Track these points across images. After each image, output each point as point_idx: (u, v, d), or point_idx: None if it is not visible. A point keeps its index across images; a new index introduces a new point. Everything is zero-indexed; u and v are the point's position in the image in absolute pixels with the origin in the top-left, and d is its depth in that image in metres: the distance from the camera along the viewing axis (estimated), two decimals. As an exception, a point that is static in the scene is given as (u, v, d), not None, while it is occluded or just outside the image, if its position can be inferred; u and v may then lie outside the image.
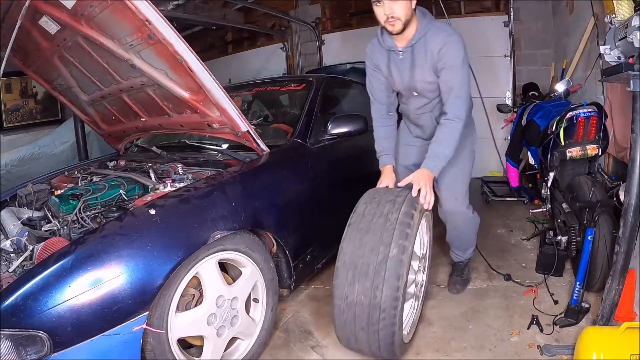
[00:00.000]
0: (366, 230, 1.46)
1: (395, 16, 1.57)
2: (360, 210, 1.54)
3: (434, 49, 1.63)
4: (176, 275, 1.33)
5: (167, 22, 1.46)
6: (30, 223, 1.70)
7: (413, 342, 1.73)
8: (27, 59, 2.21)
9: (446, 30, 1.64)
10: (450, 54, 1.61)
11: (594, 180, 2.13)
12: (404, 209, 1.48)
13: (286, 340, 1.84)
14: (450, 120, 1.65)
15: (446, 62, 1.62)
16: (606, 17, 1.65)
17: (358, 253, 1.43)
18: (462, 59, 1.62)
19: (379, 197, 1.57)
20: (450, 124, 1.65)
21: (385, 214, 1.47)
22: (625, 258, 1.52)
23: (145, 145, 2.53)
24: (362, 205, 1.57)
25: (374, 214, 1.50)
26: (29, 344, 1.09)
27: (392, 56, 1.75)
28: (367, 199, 1.58)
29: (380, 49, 1.77)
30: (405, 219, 1.45)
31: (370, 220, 1.48)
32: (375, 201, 1.55)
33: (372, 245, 1.42)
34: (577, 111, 2.14)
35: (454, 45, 1.61)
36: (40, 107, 5.12)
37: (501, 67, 4.20)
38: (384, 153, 1.88)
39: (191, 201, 1.46)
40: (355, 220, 1.52)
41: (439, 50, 1.62)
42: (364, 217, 1.50)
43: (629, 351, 1.29)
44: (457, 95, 1.64)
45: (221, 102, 1.68)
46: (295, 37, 5.54)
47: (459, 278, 2.13)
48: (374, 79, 1.86)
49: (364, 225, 1.48)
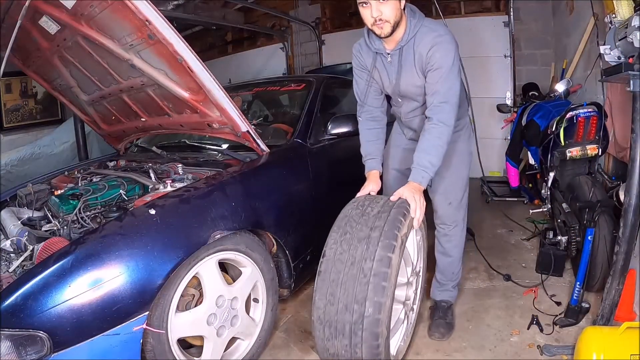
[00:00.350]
0: (337, 282, 1.28)
1: (384, 18, 1.45)
2: (330, 255, 1.33)
3: (422, 51, 1.52)
4: (176, 275, 1.33)
5: (167, 22, 1.46)
6: (30, 223, 1.70)
7: (413, 342, 1.73)
8: (27, 59, 2.21)
9: (437, 30, 1.52)
10: (438, 55, 1.49)
11: (594, 180, 2.13)
12: (380, 251, 1.26)
13: (286, 340, 1.84)
14: (435, 125, 1.50)
15: (434, 64, 1.51)
16: (606, 17, 1.65)
17: (332, 310, 1.28)
18: (452, 61, 1.50)
19: (351, 229, 1.35)
20: (435, 129, 1.50)
21: (357, 261, 1.28)
22: (625, 258, 1.52)
23: (145, 145, 2.53)
24: (332, 244, 1.35)
25: (345, 261, 1.30)
26: (29, 344, 1.09)
27: (379, 59, 1.65)
28: (338, 233, 1.36)
29: (367, 50, 1.66)
30: (382, 267, 1.24)
31: (341, 270, 1.29)
32: (346, 239, 1.33)
33: (345, 302, 1.26)
34: (577, 111, 2.15)
35: (443, 46, 1.49)
36: (40, 107, 5.12)
37: (501, 67, 4.21)
38: (370, 157, 1.72)
39: (191, 201, 1.46)
40: (325, 268, 1.33)
41: (427, 51, 1.51)
42: (335, 264, 1.31)
43: (629, 351, 1.29)
44: (444, 100, 1.51)
45: (221, 102, 1.68)
46: (295, 37, 5.54)
47: (442, 321, 1.82)
48: (360, 80, 1.74)
49: (335, 277, 1.30)
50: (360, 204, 1.44)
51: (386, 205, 1.40)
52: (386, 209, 1.37)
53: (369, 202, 1.44)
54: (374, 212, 1.38)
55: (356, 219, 1.38)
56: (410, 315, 1.71)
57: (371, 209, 1.40)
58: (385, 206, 1.40)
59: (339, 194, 1.48)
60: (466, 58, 1.80)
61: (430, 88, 1.55)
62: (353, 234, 1.34)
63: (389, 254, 1.26)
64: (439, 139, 1.50)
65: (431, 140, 1.51)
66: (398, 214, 1.35)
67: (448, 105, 1.50)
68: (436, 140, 1.50)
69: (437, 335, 1.76)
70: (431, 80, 1.54)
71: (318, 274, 1.33)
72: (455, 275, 1.87)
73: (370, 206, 1.41)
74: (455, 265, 1.85)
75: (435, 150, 1.50)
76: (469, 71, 4.15)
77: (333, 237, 1.37)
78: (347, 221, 1.38)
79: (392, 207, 1.38)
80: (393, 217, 1.34)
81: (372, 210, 1.39)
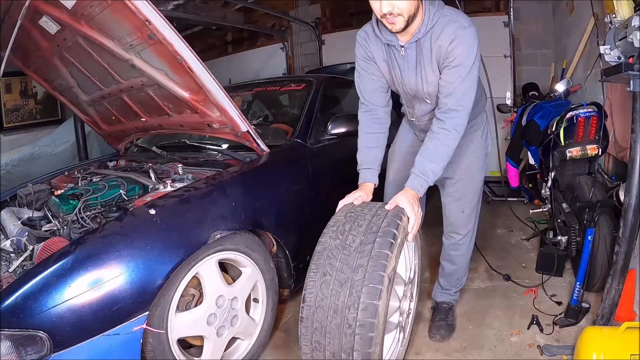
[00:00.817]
0: (321, 331, 1.17)
1: (395, 12, 1.25)
2: (310, 301, 1.19)
3: (442, 44, 1.33)
4: (176, 275, 1.33)
5: (167, 22, 1.46)
6: (30, 223, 1.70)
7: (413, 342, 1.73)
8: (27, 59, 2.21)
9: (459, 21, 1.32)
10: (459, 51, 1.31)
11: (594, 180, 2.13)
12: (365, 298, 1.12)
13: (286, 340, 1.84)
14: (446, 131, 1.35)
15: (453, 60, 1.33)
16: (606, 17, 1.64)
17: (319, 355, 1.20)
18: (473, 59, 1.33)
19: (331, 268, 1.19)
20: (445, 135, 1.36)
21: (341, 309, 1.14)
22: (625, 258, 1.52)
23: (145, 145, 2.53)
24: (310, 288, 1.20)
25: (327, 309, 1.16)
26: (29, 344, 1.09)
27: (391, 51, 1.44)
28: (317, 274, 1.20)
29: (376, 41, 1.45)
30: (367, 317, 1.11)
31: (324, 318, 1.17)
32: (326, 281, 1.18)
33: (332, 351, 1.17)
34: (577, 111, 2.15)
35: (466, 41, 1.30)
36: (40, 107, 5.11)
37: (501, 67, 4.19)
38: (367, 167, 1.51)
39: (191, 201, 1.46)
40: (306, 315, 1.19)
41: (448, 44, 1.32)
42: (317, 311, 1.18)
43: (629, 351, 1.29)
44: (460, 104, 1.35)
45: (221, 102, 1.68)
46: (295, 37, 5.54)
47: (443, 323, 1.77)
48: (366, 73, 1.52)
49: (317, 325, 1.18)
50: (340, 230, 1.26)
51: (369, 233, 1.22)
52: (370, 239, 1.20)
53: (349, 226, 1.26)
54: (355, 244, 1.20)
55: (335, 253, 1.21)
56: (407, 321, 1.64)
57: (352, 238, 1.22)
58: (369, 233, 1.22)
59: (339, 194, 1.48)
60: None
61: (446, 88, 1.37)
62: (333, 275, 1.18)
63: (375, 302, 1.11)
64: (447, 147, 1.36)
65: (439, 148, 1.37)
66: (383, 246, 1.18)
67: (464, 111, 1.36)
68: (444, 148, 1.36)
69: (438, 337, 1.74)
70: (448, 79, 1.36)
71: (300, 319, 1.21)
72: (459, 281, 1.85)
73: (351, 233, 1.24)
74: (461, 272, 1.83)
75: (441, 159, 1.37)
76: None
77: (312, 277, 1.21)
78: (326, 257, 1.22)
79: (377, 236, 1.20)
80: (377, 252, 1.17)
81: (353, 241, 1.21)
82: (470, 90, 1.36)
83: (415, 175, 1.38)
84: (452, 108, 1.36)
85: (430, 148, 1.38)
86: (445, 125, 1.37)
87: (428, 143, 1.39)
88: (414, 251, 1.63)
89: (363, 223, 1.26)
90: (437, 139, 1.37)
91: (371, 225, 1.24)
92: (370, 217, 1.28)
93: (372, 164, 1.52)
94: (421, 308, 1.95)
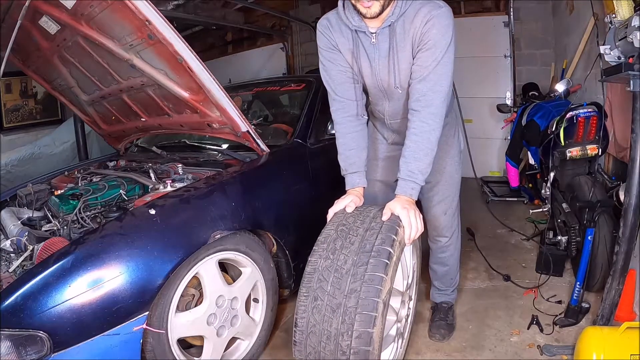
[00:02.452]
0: (315, 356, 1.14)
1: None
2: (302, 325, 1.14)
3: (417, 25, 1.23)
4: (176, 275, 1.33)
5: (167, 22, 1.46)
6: (30, 223, 1.70)
7: (413, 342, 1.73)
8: (27, 59, 2.21)
9: (433, 1, 1.24)
10: (435, 31, 1.21)
11: (594, 180, 2.13)
12: (359, 326, 1.06)
13: (286, 340, 1.83)
14: (424, 121, 1.24)
15: (428, 41, 1.22)
16: (606, 17, 1.64)
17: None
18: (449, 41, 1.22)
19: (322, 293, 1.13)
20: (424, 127, 1.24)
21: (334, 336, 1.09)
22: (625, 258, 1.52)
23: (145, 145, 2.53)
24: (302, 313, 1.14)
25: (320, 335, 1.11)
26: (29, 344, 1.09)
27: (360, 39, 1.31)
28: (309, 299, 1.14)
29: (340, 27, 1.32)
30: (362, 345, 1.06)
31: (317, 345, 1.12)
32: (317, 306, 1.12)
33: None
34: (577, 111, 2.15)
35: (441, 21, 1.21)
36: (40, 107, 5.11)
37: (501, 67, 4.21)
38: (353, 170, 1.40)
39: (191, 201, 1.46)
40: (299, 339, 1.15)
41: (423, 25, 1.22)
42: (309, 337, 1.13)
43: (629, 351, 1.29)
44: (436, 89, 1.24)
45: (221, 102, 1.68)
46: (295, 37, 5.54)
47: (443, 322, 1.75)
48: (332, 65, 1.38)
49: (311, 350, 1.14)
50: (331, 249, 1.18)
51: (362, 253, 1.13)
52: (363, 261, 1.11)
53: (340, 243, 1.18)
54: (347, 266, 1.12)
55: (326, 275, 1.13)
56: (406, 325, 1.62)
57: (344, 258, 1.14)
58: (362, 253, 1.13)
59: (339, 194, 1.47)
60: (466, 58, 1.76)
61: (419, 72, 1.26)
62: (325, 300, 1.11)
63: (369, 329, 1.05)
64: (429, 141, 1.25)
65: (420, 144, 1.25)
66: (377, 269, 1.09)
67: (440, 96, 1.24)
68: (426, 143, 1.25)
69: (438, 337, 1.73)
70: (422, 62, 1.25)
71: (294, 343, 1.16)
72: (453, 280, 1.85)
73: (342, 252, 1.16)
74: (453, 272, 1.82)
75: (425, 155, 1.26)
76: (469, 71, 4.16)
77: (302, 302, 1.14)
78: (317, 280, 1.14)
79: (370, 256, 1.11)
80: (371, 275, 1.09)
81: (345, 262, 1.13)
82: (447, 73, 1.25)
83: (403, 180, 1.27)
84: (426, 94, 1.24)
85: (411, 147, 1.27)
86: (421, 116, 1.25)
87: (408, 142, 1.28)
88: (412, 252, 1.60)
89: (355, 240, 1.17)
90: (416, 134, 1.26)
91: (364, 242, 1.16)
92: (363, 231, 1.19)
93: (358, 167, 1.41)
94: (421, 308, 1.95)
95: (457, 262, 1.82)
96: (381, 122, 1.60)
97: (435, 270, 1.81)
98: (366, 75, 1.38)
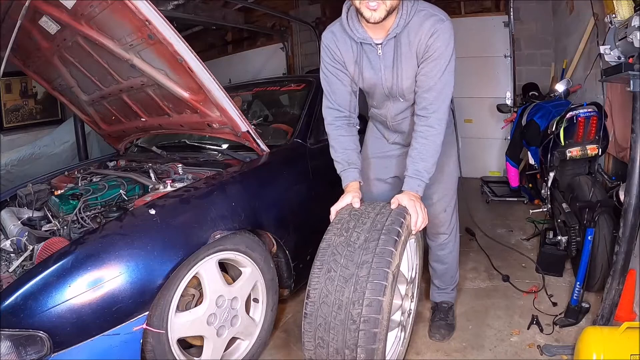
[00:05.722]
0: (325, 327, 1.17)
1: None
2: (314, 297, 1.18)
3: (422, 38, 1.31)
4: (176, 275, 1.33)
5: (167, 22, 1.46)
6: (30, 223, 1.70)
7: (413, 342, 1.73)
8: (27, 59, 2.21)
9: (436, 15, 1.32)
10: (439, 44, 1.30)
11: (594, 180, 2.13)
12: (369, 294, 1.12)
13: (286, 340, 1.84)
14: (430, 127, 1.35)
15: (433, 53, 1.31)
16: (606, 17, 1.64)
17: (322, 352, 1.20)
18: (452, 52, 1.32)
19: (335, 264, 1.19)
20: (431, 131, 1.35)
21: (345, 305, 1.14)
22: (625, 258, 1.52)
23: (145, 145, 2.53)
24: (315, 285, 1.19)
25: (331, 304, 1.16)
26: (29, 344, 1.09)
27: (364, 51, 1.39)
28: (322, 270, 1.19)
29: (347, 40, 1.40)
30: (372, 313, 1.11)
31: (328, 314, 1.16)
32: (331, 277, 1.18)
33: (336, 347, 1.16)
34: (577, 111, 2.15)
35: (444, 33, 1.30)
36: (40, 107, 5.11)
37: (501, 67, 4.21)
38: (351, 167, 1.47)
39: (191, 201, 1.46)
40: (310, 311, 1.19)
41: (428, 38, 1.31)
42: (321, 307, 1.17)
43: (629, 351, 1.29)
44: (441, 97, 1.35)
45: (221, 102, 1.68)
46: (295, 37, 5.54)
47: (443, 322, 1.78)
48: (334, 77, 1.47)
49: (322, 321, 1.17)
50: (345, 227, 1.26)
51: (374, 230, 1.22)
52: (374, 237, 1.20)
53: (353, 223, 1.27)
54: (360, 241, 1.21)
55: (340, 250, 1.21)
56: (408, 321, 1.64)
57: (357, 235, 1.23)
58: (373, 231, 1.22)
59: (339, 194, 1.47)
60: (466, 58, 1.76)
61: (425, 82, 1.35)
62: (337, 272, 1.18)
63: (379, 298, 1.12)
64: (434, 144, 1.36)
65: (427, 145, 1.36)
66: (388, 243, 1.18)
67: (446, 103, 1.36)
68: (432, 145, 1.36)
69: (438, 337, 1.74)
70: (428, 73, 1.34)
71: (304, 315, 1.20)
72: (453, 279, 1.85)
73: (355, 230, 1.25)
74: (453, 270, 1.83)
75: (430, 156, 1.36)
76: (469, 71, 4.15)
77: (316, 274, 1.21)
78: (331, 254, 1.22)
79: (381, 233, 1.21)
80: (382, 249, 1.17)
81: (358, 238, 1.22)
82: (450, 82, 1.36)
83: (410, 177, 1.37)
84: (433, 102, 1.35)
85: (418, 148, 1.37)
86: (428, 121, 1.36)
87: (415, 144, 1.38)
88: (415, 250, 1.64)
89: (367, 221, 1.27)
90: (423, 137, 1.37)
91: (375, 222, 1.25)
92: (374, 215, 1.29)
93: (356, 163, 1.49)
94: (421, 308, 1.95)
95: (456, 260, 1.83)
96: (383, 124, 1.68)
97: (434, 268, 1.83)
98: (371, 84, 1.46)
